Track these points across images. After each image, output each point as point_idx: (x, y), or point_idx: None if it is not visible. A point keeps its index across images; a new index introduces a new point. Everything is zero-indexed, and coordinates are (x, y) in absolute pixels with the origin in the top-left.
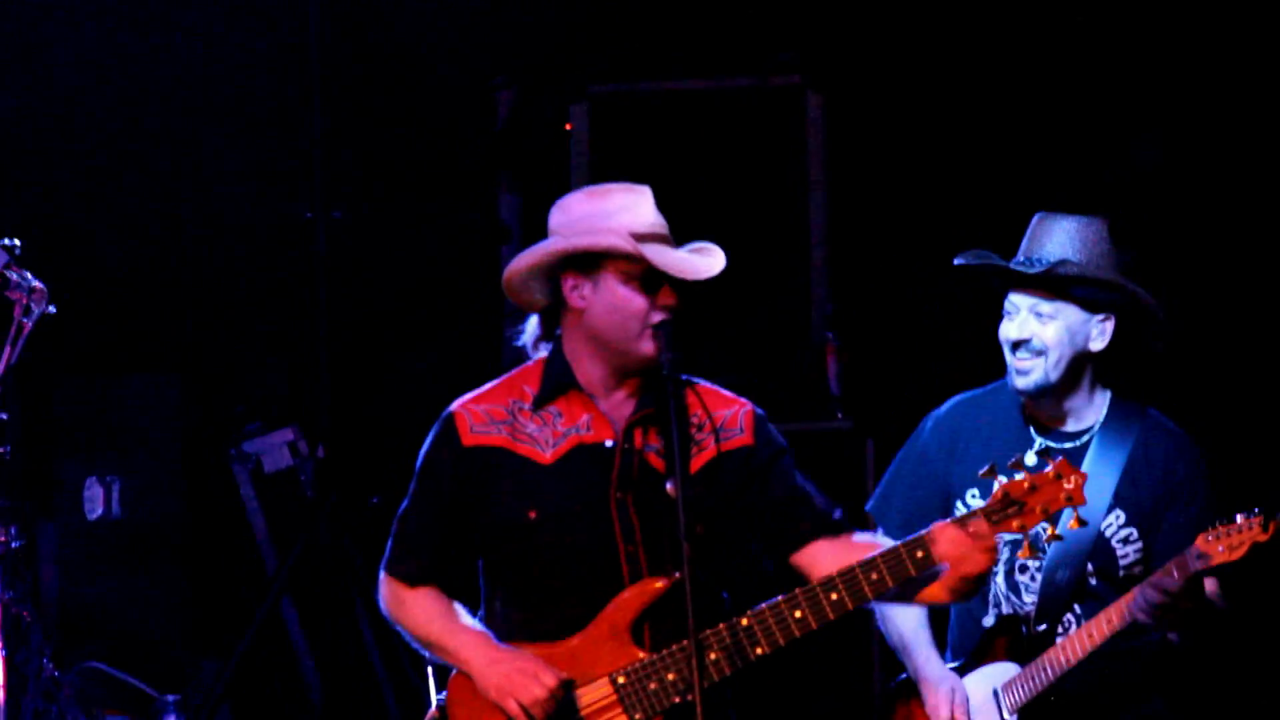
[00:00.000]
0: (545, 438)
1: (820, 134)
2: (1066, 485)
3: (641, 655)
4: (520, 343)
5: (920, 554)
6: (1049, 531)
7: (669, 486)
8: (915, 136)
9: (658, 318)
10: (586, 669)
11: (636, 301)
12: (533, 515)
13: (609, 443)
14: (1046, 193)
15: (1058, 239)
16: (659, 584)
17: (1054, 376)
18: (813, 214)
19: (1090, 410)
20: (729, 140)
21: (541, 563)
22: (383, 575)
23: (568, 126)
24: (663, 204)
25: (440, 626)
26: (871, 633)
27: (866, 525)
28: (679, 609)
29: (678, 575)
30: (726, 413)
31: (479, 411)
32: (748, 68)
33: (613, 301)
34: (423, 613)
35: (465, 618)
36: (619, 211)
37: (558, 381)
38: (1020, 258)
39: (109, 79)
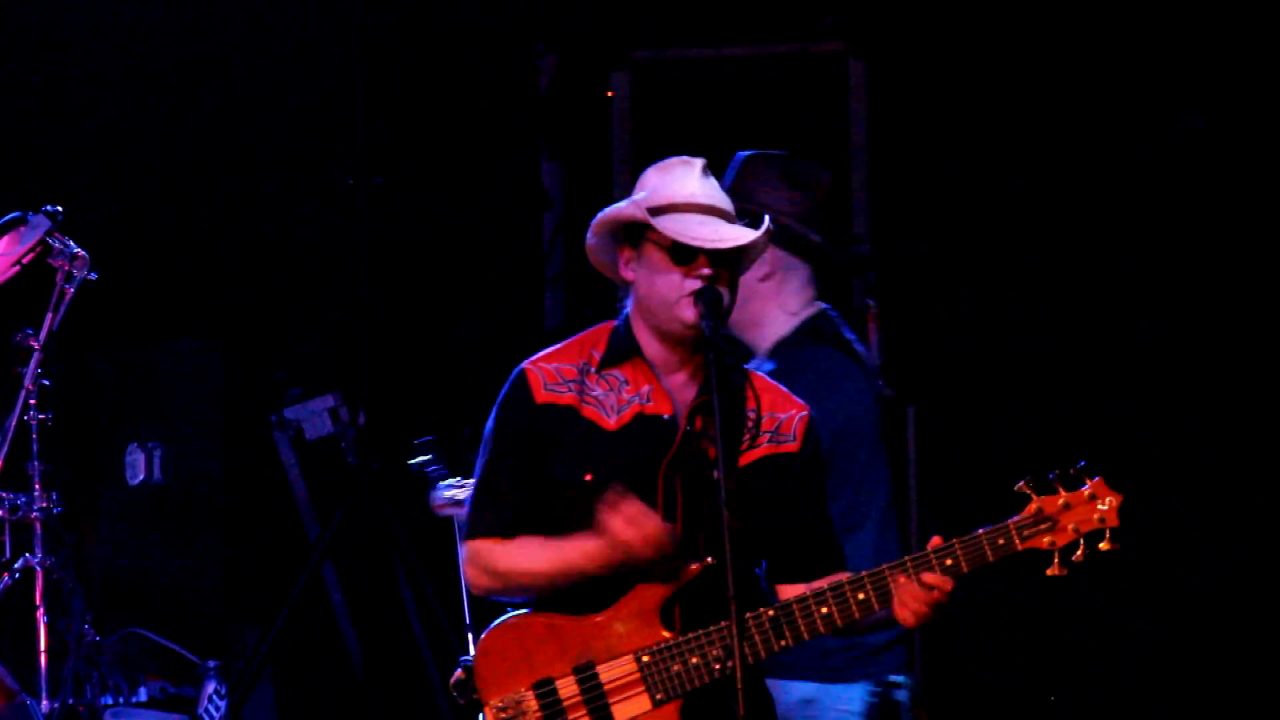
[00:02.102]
0: (611, 403)
1: (862, 100)
2: (1100, 506)
3: (668, 636)
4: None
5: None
6: (1079, 551)
7: (716, 474)
8: (957, 103)
9: (692, 285)
10: (613, 645)
11: (671, 270)
12: (589, 478)
13: (666, 415)
14: (1089, 157)
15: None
16: (693, 566)
17: None
18: (854, 181)
19: None
20: (771, 107)
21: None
22: (469, 545)
23: (609, 94)
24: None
25: (552, 550)
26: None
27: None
28: (711, 594)
29: (710, 561)
30: (783, 416)
31: (550, 370)
32: (790, 34)
33: (651, 271)
34: (527, 553)
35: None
36: (666, 183)
37: (623, 347)
38: None
39: (152, 46)
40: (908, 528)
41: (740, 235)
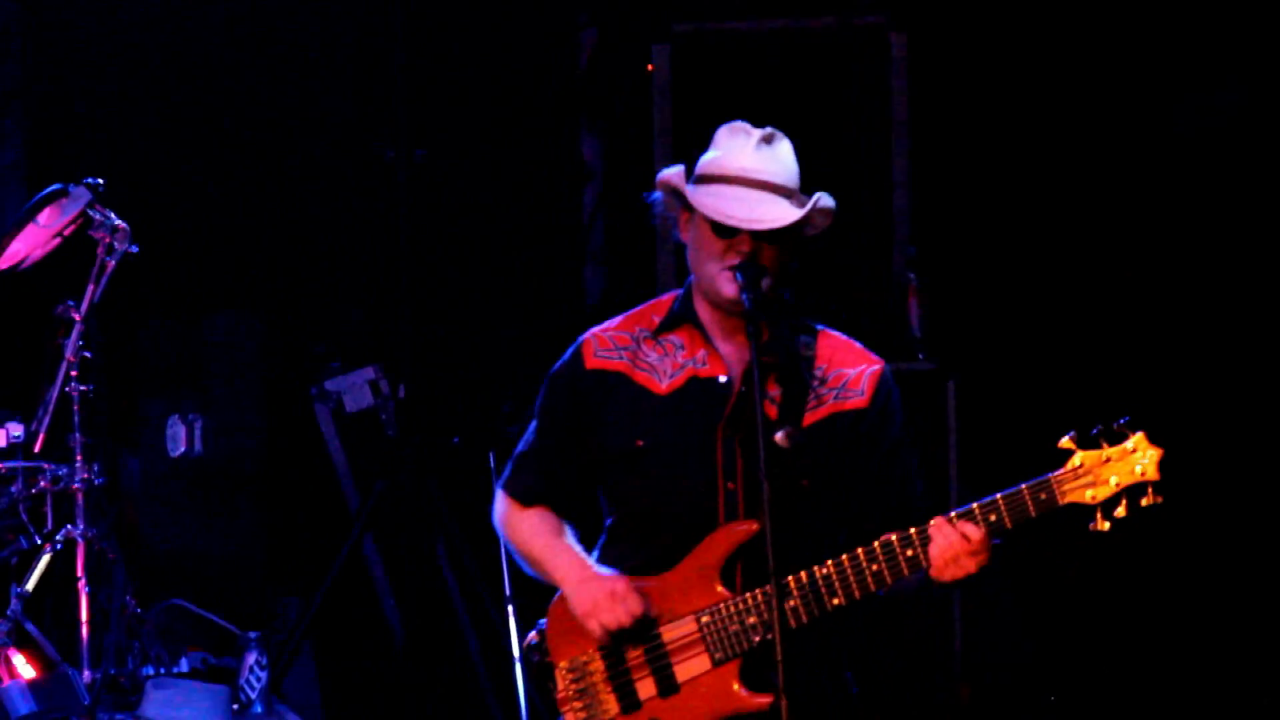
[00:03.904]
0: (665, 368)
1: (904, 74)
2: (1141, 460)
3: (727, 596)
4: None
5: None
6: (1122, 506)
7: (779, 436)
8: (999, 76)
9: (731, 261)
10: (675, 605)
11: (712, 243)
12: (640, 444)
13: (723, 378)
14: (1131, 129)
15: None
16: (752, 526)
17: None
18: (895, 155)
19: None
20: (811, 80)
21: (643, 493)
22: (498, 491)
23: (650, 67)
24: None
25: (542, 545)
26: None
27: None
28: (773, 552)
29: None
30: (851, 372)
31: (606, 337)
32: (831, 7)
33: (697, 241)
34: (529, 530)
35: (570, 540)
36: (724, 151)
37: (681, 312)
38: None
39: (195, 19)
40: (947, 501)
41: (781, 216)
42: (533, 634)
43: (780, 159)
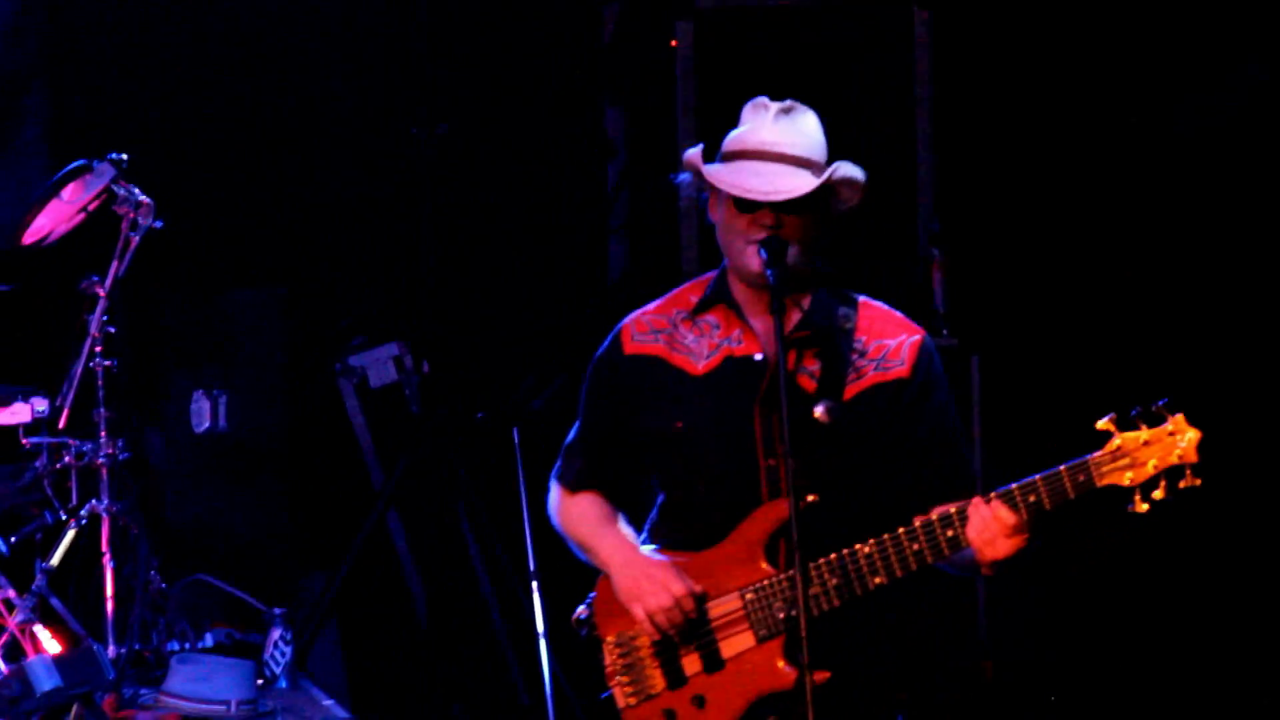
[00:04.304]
0: (701, 349)
1: (927, 49)
2: (1180, 443)
3: (771, 573)
4: None
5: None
6: (1160, 489)
7: (818, 410)
8: (1023, 50)
9: (755, 235)
10: (720, 582)
11: (736, 219)
12: (680, 426)
13: (758, 356)
14: (1154, 104)
15: None
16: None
17: None
18: (919, 130)
19: None
20: (834, 55)
21: (686, 473)
22: (550, 482)
23: (673, 43)
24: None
25: (589, 529)
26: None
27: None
28: (814, 531)
29: (813, 497)
30: (891, 342)
31: (644, 321)
32: None
33: (721, 218)
34: (577, 516)
35: (618, 524)
36: (746, 127)
37: (715, 292)
38: None
39: None
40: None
41: (797, 187)
42: (582, 608)
43: (801, 130)
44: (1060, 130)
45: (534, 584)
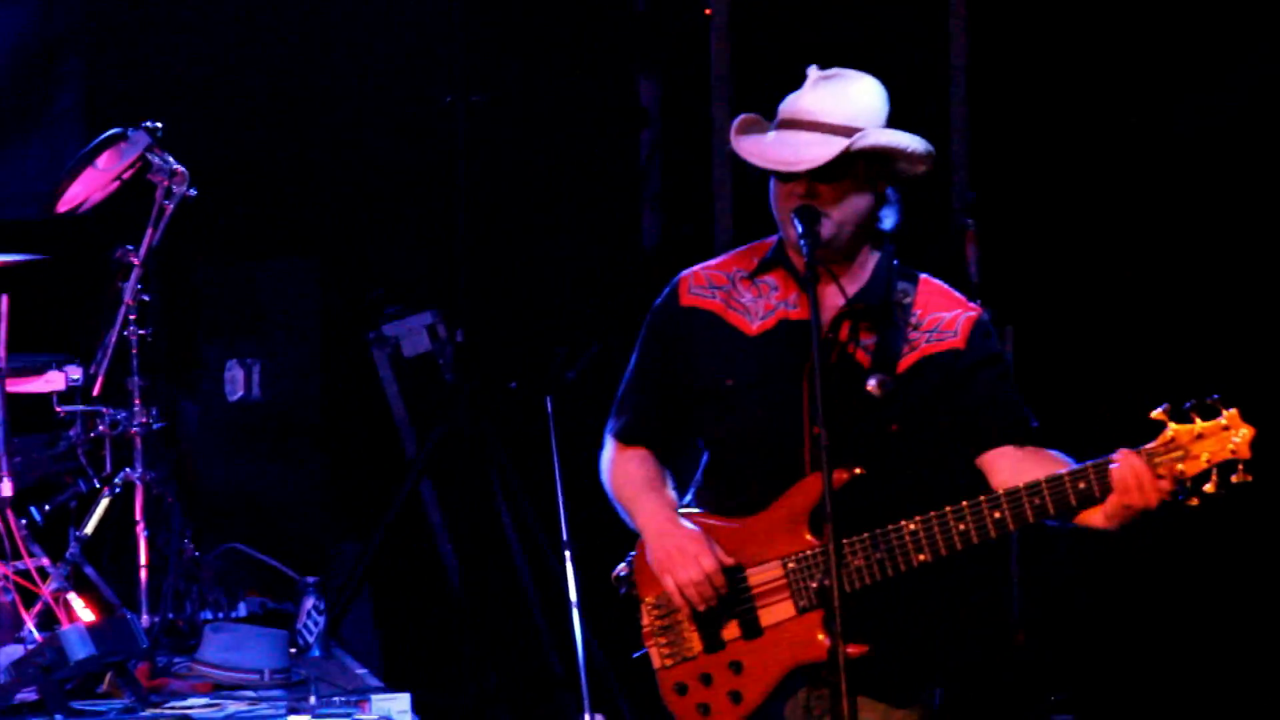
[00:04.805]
0: (757, 309)
1: (962, 20)
2: (1234, 438)
3: (815, 544)
4: None
5: (1083, 485)
6: (1212, 482)
7: (871, 383)
8: (1057, 20)
9: (791, 204)
10: (762, 549)
11: (778, 187)
12: (729, 383)
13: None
14: (1190, 77)
15: None
16: (842, 474)
17: None
18: (953, 101)
19: None
20: (869, 25)
21: (731, 433)
22: (605, 437)
23: (707, 11)
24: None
25: (631, 490)
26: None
27: None
28: (862, 503)
29: (859, 470)
30: (945, 315)
31: (703, 275)
32: None
33: (772, 186)
34: (622, 473)
35: (660, 487)
36: (786, 100)
37: (775, 255)
38: None
39: None
40: None
41: (819, 156)
42: (622, 565)
43: (843, 96)
44: (1097, 98)
45: (567, 553)
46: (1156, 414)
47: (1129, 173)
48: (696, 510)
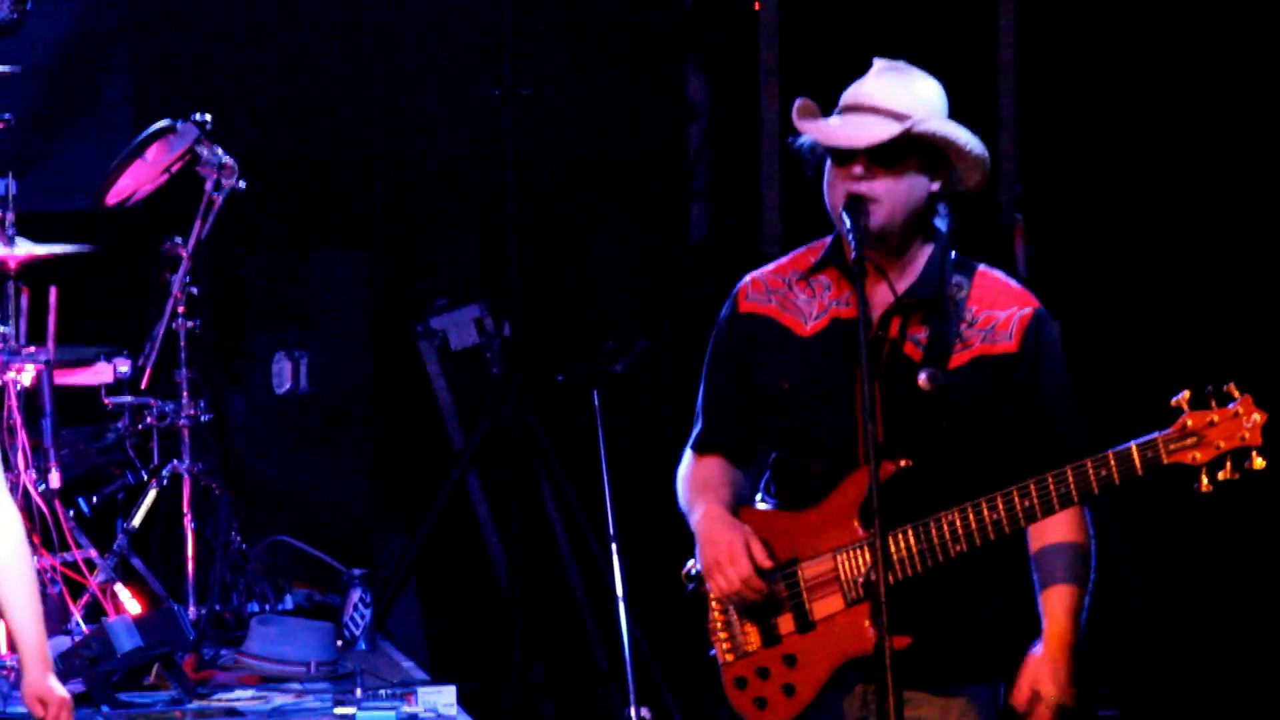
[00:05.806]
0: (811, 310)
1: (1011, 14)
2: (1245, 424)
3: (864, 536)
4: None
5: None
6: (1227, 469)
7: (922, 378)
8: (1107, 15)
9: (843, 190)
10: (817, 542)
11: (833, 173)
12: (785, 386)
13: None
14: (1237, 70)
15: None
16: (889, 466)
17: None
18: (1002, 95)
19: None
20: (918, 20)
21: (791, 433)
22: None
23: (757, 6)
24: (849, 84)
25: (692, 495)
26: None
27: None
28: (909, 494)
29: (906, 462)
30: (1001, 314)
31: (760, 280)
32: None
33: (828, 174)
34: (686, 481)
35: (721, 489)
36: (850, 87)
37: (828, 254)
38: None
39: None
40: None
41: (879, 134)
42: (692, 562)
43: (905, 86)
44: (1147, 92)
45: (613, 547)
46: (1177, 400)
47: (1177, 167)
48: (762, 506)
